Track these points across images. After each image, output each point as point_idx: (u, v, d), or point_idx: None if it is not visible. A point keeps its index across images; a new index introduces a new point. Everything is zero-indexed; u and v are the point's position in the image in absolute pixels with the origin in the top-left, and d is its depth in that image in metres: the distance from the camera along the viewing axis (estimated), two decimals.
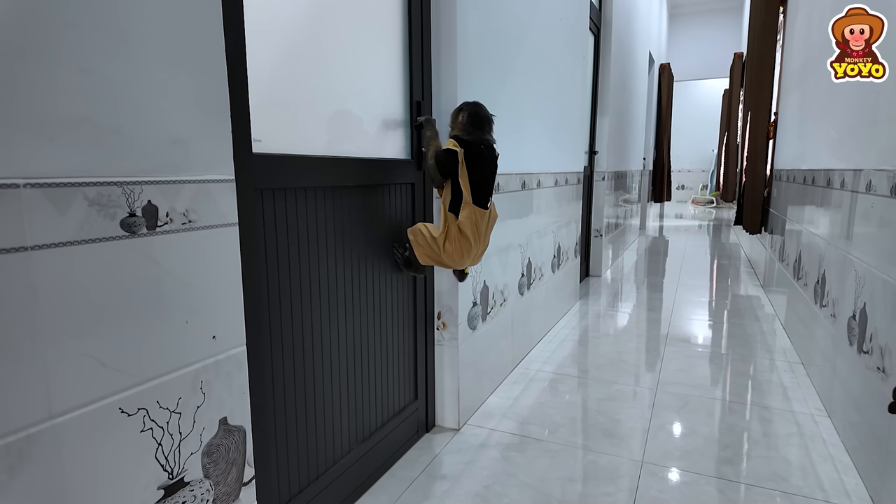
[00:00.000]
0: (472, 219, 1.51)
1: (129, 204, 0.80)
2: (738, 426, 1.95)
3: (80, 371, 0.75)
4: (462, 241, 1.52)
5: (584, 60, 3.51)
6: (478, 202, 1.52)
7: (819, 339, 2.26)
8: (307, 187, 1.27)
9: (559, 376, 2.39)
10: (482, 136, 1.54)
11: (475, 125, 1.54)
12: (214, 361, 0.96)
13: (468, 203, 1.50)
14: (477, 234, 1.53)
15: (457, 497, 1.53)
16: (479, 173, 1.52)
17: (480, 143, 1.53)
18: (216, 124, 0.94)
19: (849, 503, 1.50)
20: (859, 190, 1.83)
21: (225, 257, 0.98)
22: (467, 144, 1.51)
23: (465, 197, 1.50)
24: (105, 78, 0.75)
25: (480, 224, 1.54)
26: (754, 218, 4.05)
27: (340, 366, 1.43)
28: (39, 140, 0.69)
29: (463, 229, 1.51)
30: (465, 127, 1.54)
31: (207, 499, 0.97)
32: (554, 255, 3.05)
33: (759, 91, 3.94)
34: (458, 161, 1.48)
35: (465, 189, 1.50)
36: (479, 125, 1.55)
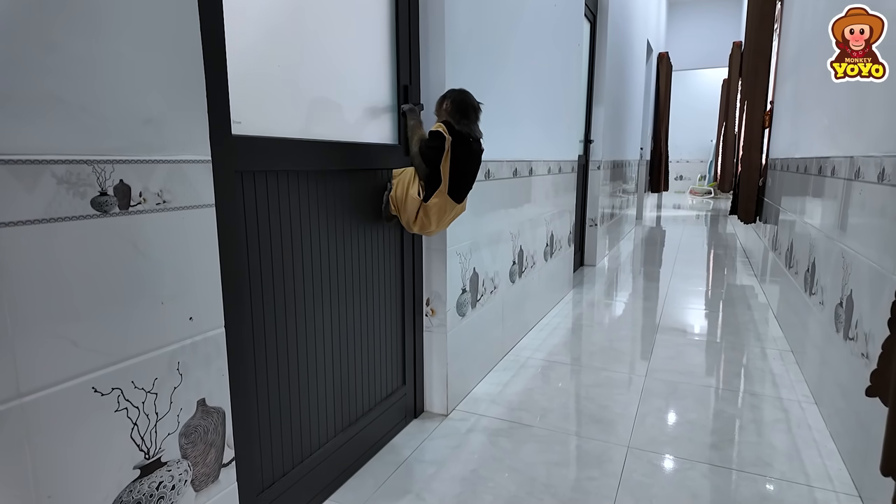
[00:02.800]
0: (440, 207, 1.49)
1: (101, 183, 0.79)
2: (725, 412, 1.95)
3: (50, 350, 0.75)
4: (423, 218, 1.52)
5: (579, 48, 3.48)
6: (452, 194, 1.49)
7: (808, 327, 2.26)
8: (290, 170, 1.26)
9: (550, 363, 2.40)
10: (470, 127, 1.50)
11: (461, 113, 1.49)
12: (191, 343, 0.96)
13: (443, 193, 1.48)
14: (439, 220, 1.52)
15: (443, 481, 1.54)
16: (462, 167, 1.49)
17: (469, 135, 1.50)
18: (191, 104, 0.94)
19: (831, 487, 1.51)
20: (849, 177, 1.83)
21: (201, 239, 0.97)
22: (457, 134, 1.47)
23: (442, 186, 1.47)
24: (72, 54, 0.74)
25: (446, 214, 1.53)
26: (749, 207, 4.04)
27: (326, 351, 1.43)
28: (3, 115, 0.68)
29: (428, 212, 1.49)
30: (452, 115, 1.50)
31: (185, 479, 0.97)
32: (547, 243, 3.04)
33: (755, 80, 3.92)
34: (443, 149, 1.45)
35: (444, 177, 1.47)
36: (465, 113, 1.49)
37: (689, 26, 10.42)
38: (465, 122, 1.49)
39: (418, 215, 1.53)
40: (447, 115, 1.50)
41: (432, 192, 1.48)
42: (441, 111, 1.53)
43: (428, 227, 1.55)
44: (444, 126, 1.48)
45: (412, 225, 1.57)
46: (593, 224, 4.43)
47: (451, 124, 1.48)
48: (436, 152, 1.46)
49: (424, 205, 1.49)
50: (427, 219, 1.52)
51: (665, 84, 8.01)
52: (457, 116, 1.49)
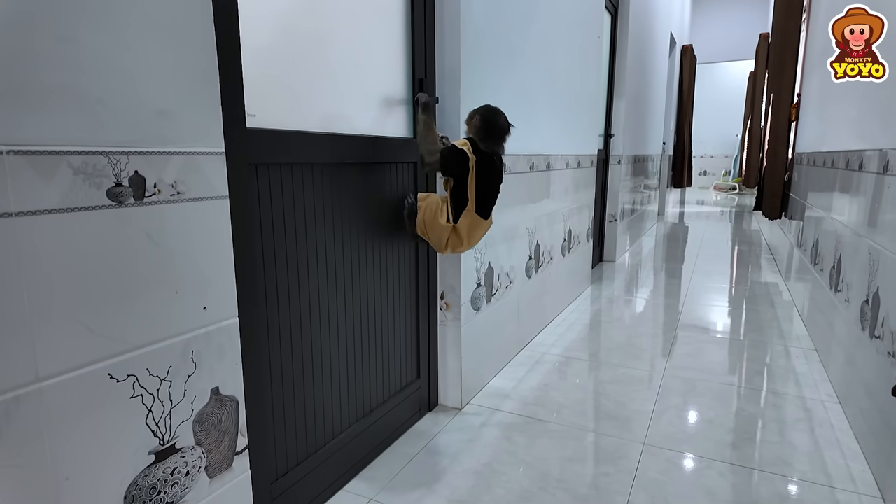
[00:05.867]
0: (470, 226, 1.51)
1: (116, 174, 0.81)
2: (745, 411, 1.92)
3: (67, 336, 0.77)
4: (453, 238, 1.54)
5: (599, 40, 3.44)
6: (480, 211, 1.50)
7: (833, 325, 2.21)
8: (304, 163, 1.27)
9: (566, 359, 2.38)
10: (494, 148, 1.48)
11: (490, 135, 1.46)
12: (205, 332, 0.98)
13: (470, 211, 1.49)
14: (470, 238, 1.54)
15: (456, 473, 1.54)
16: (486, 184, 1.49)
17: (493, 154, 1.49)
18: (205, 97, 0.95)
19: (853, 488, 1.47)
20: (878, 171, 1.77)
21: (215, 230, 0.99)
22: (480, 154, 1.46)
23: (470, 205, 1.48)
24: (87, 46, 0.76)
25: (476, 231, 1.54)
26: (774, 203, 3.95)
27: (340, 343, 1.44)
28: (21, 107, 0.70)
29: (459, 233, 1.52)
30: (478, 133, 1.46)
31: (199, 465, 0.99)
32: (564, 238, 3.02)
33: (782, 72, 3.81)
34: (467, 168, 1.44)
35: (470, 196, 1.48)
36: (494, 135, 1.47)
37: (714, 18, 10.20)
38: (490, 142, 1.47)
39: (449, 240, 1.54)
40: (475, 131, 1.48)
41: (460, 213, 1.49)
42: (470, 125, 1.50)
43: (460, 247, 1.57)
44: (469, 145, 1.46)
45: (444, 248, 1.58)
46: (613, 219, 4.38)
47: (475, 142, 1.46)
48: (458, 164, 1.45)
49: (455, 226, 1.50)
50: (458, 238, 1.53)
51: (689, 77, 7.86)
52: (483, 135, 1.47)
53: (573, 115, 3.00)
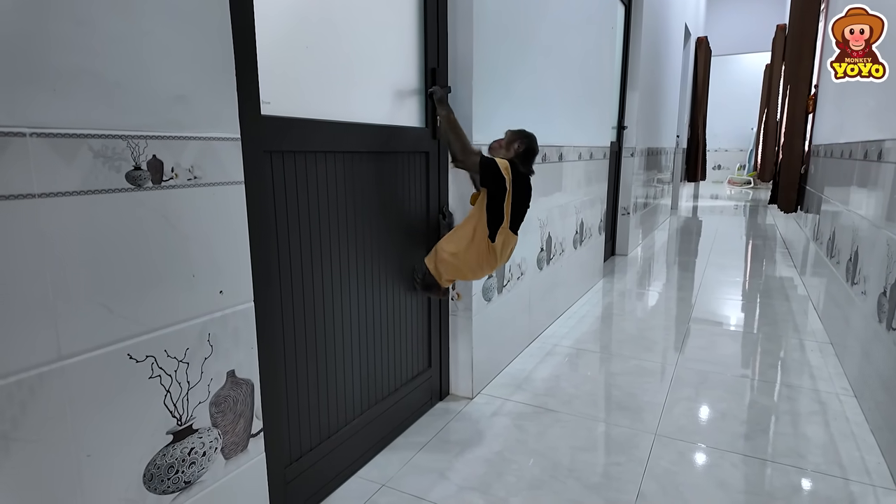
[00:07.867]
0: (504, 242, 1.56)
1: (134, 157, 0.82)
2: (758, 403, 1.91)
3: (87, 316, 0.78)
4: (488, 257, 1.56)
5: (613, 31, 3.41)
6: (513, 228, 1.56)
7: (849, 318, 2.18)
8: (318, 151, 1.28)
9: (577, 351, 2.38)
10: (531, 169, 1.61)
11: (527, 159, 1.59)
12: (221, 316, 0.99)
13: (505, 229, 1.54)
14: (502, 254, 1.58)
15: (467, 461, 1.55)
16: (519, 201, 1.56)
17: (527, 174, 1.59)
18: (220, 83, 0.96)
19: (868, 480, 1.46)
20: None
21: (231, 215, 1.00)
22: (518, 175, 1.54)
23: (504, 223, 1.53)
24: (104, 31, 0.77)
25: (508, 247, 1.59)
26: (789, 196, 3.90)
27: (353, 330, 1.45)
28: (42, 91, 0.71)
29: (494, 250, 1.55)
30: (519, 157, 1.57)
31: (216, 446, 1.01)
32: (576, 231, 3.01)
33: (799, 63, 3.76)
34: (504, 189, 1.50)
35: (506, 215, 1.53)
36: (529, 160, 1.60)
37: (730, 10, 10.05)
38: (527, 165, 1.59)
39: (486, 262, 1.57)
40: (515, 154, 1.57)
41: (496, 230, 1.53)
42: (510, 149, 1.59)
43: (495, 265, 1.60)
44: (510, 168, 1.52)
45: (482, 272, 1.62)
46: (626, 213, 4.35)
47: (515, 165, 1.54)
48: (493, 178, 1.50)
49: (492, 245, 1.54)
50: (494, 256, 1.57)
51: (703, 70, 7.76)
52: (522, 158, 1.57)
53: (586, 107, 2.98)
